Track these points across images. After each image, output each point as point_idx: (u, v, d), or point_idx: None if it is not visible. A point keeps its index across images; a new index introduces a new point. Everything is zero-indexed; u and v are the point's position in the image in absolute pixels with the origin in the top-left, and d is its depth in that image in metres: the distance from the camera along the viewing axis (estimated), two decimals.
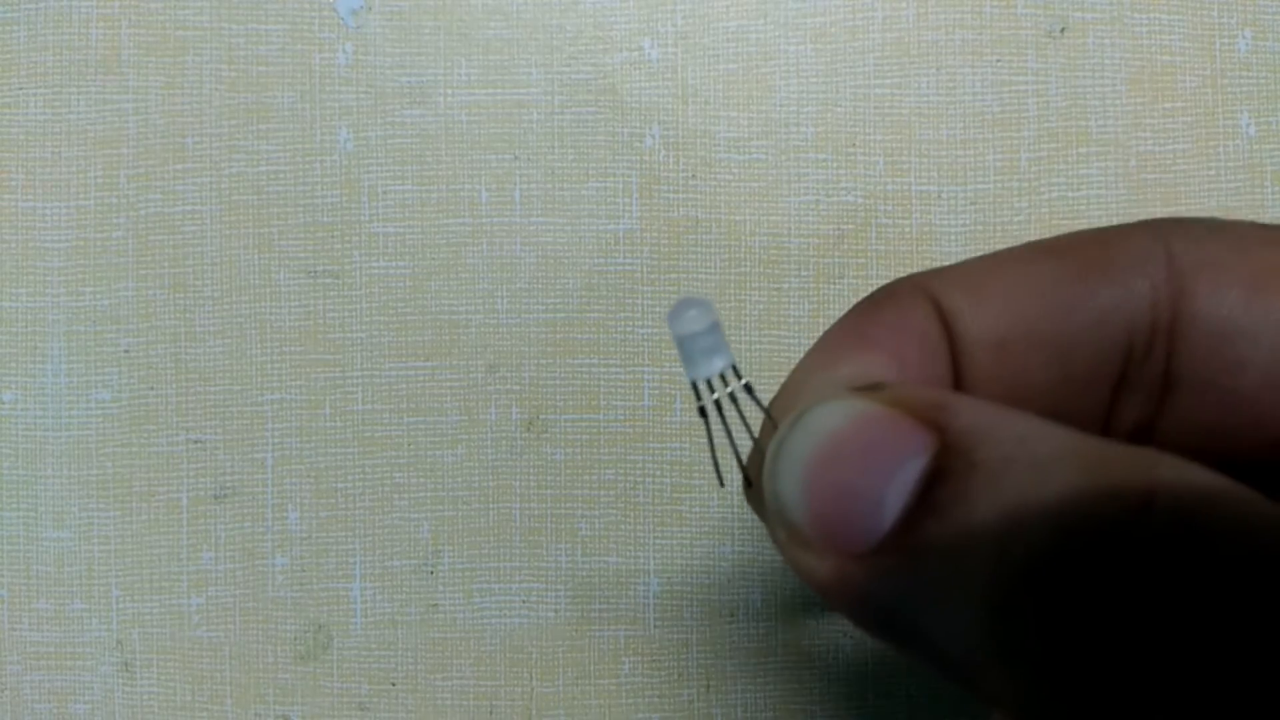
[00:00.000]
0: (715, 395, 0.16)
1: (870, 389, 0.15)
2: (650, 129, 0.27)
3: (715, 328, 0.16)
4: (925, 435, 0.13)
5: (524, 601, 0.26)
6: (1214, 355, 0.15)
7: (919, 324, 0.16)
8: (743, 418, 0.16)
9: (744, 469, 0.17)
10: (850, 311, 0.17)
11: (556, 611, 0.26)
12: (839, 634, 0.26)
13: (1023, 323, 0.16)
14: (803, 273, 0.26)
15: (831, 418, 0.14)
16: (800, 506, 0.14)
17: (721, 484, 0.19)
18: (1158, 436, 0.16)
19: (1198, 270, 0.15)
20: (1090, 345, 0.16)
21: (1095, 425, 0.16)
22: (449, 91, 0.27)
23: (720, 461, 0.18)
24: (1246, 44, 0.27)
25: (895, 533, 0.13)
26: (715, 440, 0.17)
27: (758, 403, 0.16)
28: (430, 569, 0.26)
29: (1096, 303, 0.16)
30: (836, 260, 0.26)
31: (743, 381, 0.16)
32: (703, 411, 0.16)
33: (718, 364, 0.16)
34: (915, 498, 0.13)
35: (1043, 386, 0.16)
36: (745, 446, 0.17)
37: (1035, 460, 0.13)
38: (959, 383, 0.16)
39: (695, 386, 0.16)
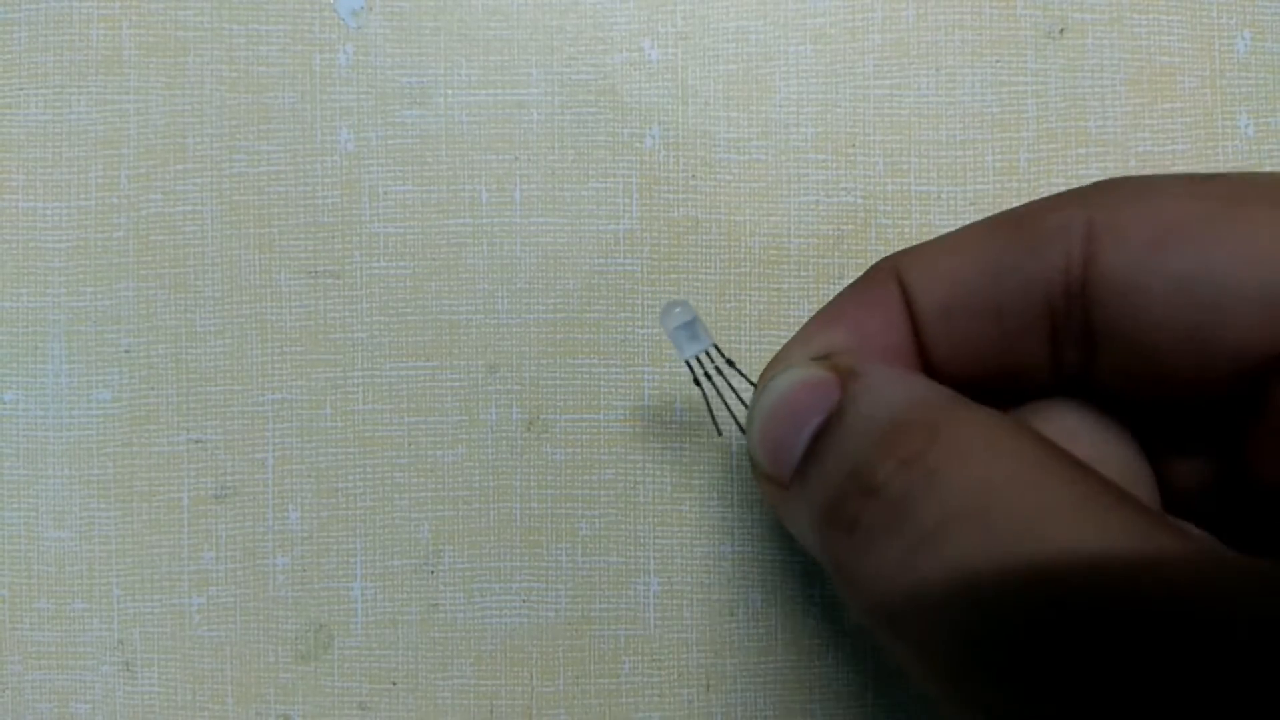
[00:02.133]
0: (704, 369, 0.22)
1: (821, 359, 0.19)
2: (650, 129, 0.27)
3: (696, 319, 0.22)
4: (834, 396, 0.18)
5: (524, 601, 0.26)
6: (1118, 311, 0.17)
7: (884, 300, 0.19)
8: (731, 386, 0.23)
9: (738, 422, 0.23)
10: (840, 293, 0.21)
11: (557, 611, 0.26)
12: (839, 633, 0.26)
13: (963, 291, 0.19)
14: (802, 273, 0.27)
15: (781, 383, 0.19)
16: (756, 449, 0.19)
17: (719, 434, 0.25)
18: (1094, 384, 0.18)
19: (1105, 232, 0.17)
20: (1019, 307, 0.18)
21: (1041, 373, 0.19)
22: (449, 92, 0.27)
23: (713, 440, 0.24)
24: (1245, 45, 0.27)
25: (796, 471, 0.18)
26: (713, 406, 0.24)
27: (741, 374, 0.23)
28: (431, 569, 0.26)
29: (1020, 270, 0.18)
30: (836, 261, 0.26)
31: (725, 358, 0.23)
32: (697, 382, 0.23)
33: (703, 342, 0.22)
34: (809, 446, 0.18)
35: (985, 344, 0.19)
36: (731, 410, 0.23)
37: (859, 419, 0.17)
38: (921, 347, 0.19)
39: (689, 364, 0.22)
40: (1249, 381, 0.17)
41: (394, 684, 0.26)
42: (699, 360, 0.22)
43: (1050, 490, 0.15)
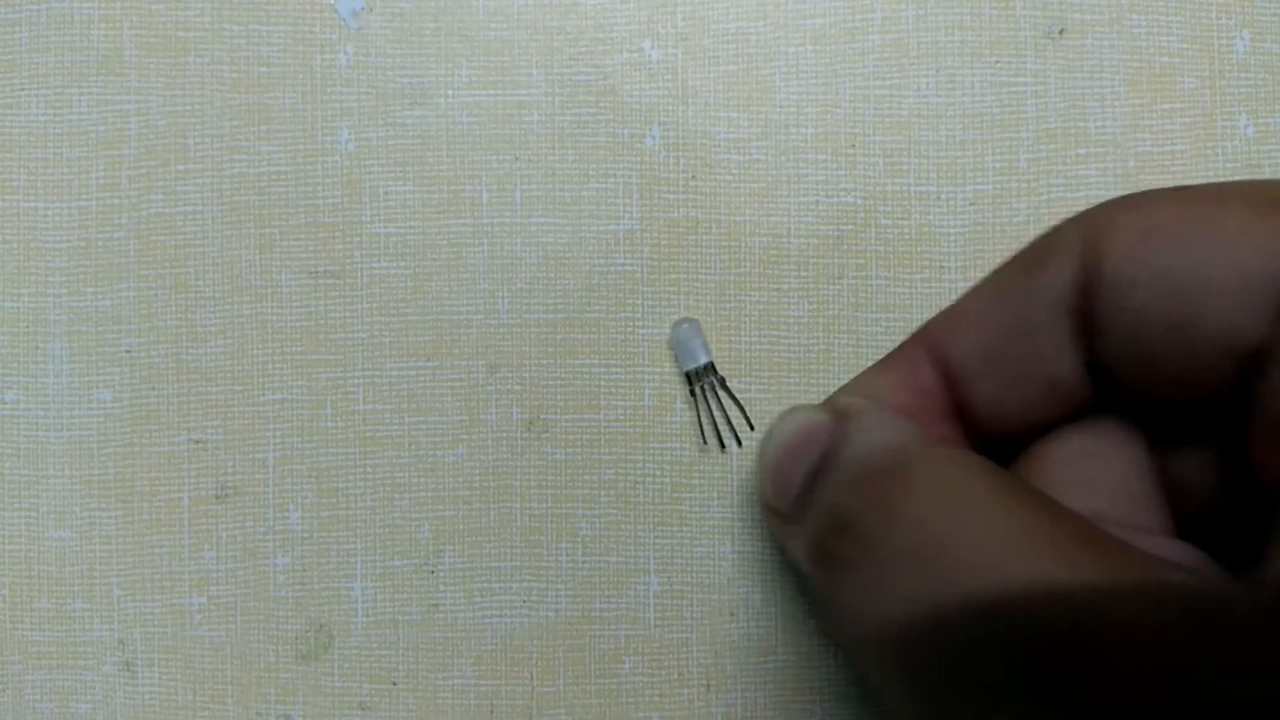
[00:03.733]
0: (700, 384, 0.26)
1: (827, 406, 0.21)
2: (650, 130, 0.27)
3: (698, 337, 0.25)
4: (827, 437, 0.20)
5: (524, 601, 0.26)
6: (1113, 304, 0.18)
7: (909, 363, 0.21)
8: (722, 404, 0.26)
9: (720, 437, 0.26)
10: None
11: (557, 611, 0.26)
12: None
13: (990, 327, 0.20)
14: (802, 273, 0.27)
15: (786, 422, 0.21)
16: (765, 482, 0.21)
17: (705, 443, 0.26)
18: (1112, 374, 0.19)
19: (1103, 233, 0.19)
20: (1041, 320, 0.20)
21: (1077, 389, 0.20)
22: (450, 92, 0.27)
23: (701, 448, 0.26)
24: (1245, 45, 0.27)
25: (793, 504, 0.20)
26: (703, 417, 0.26)
27: (731, 395, 0.26)
28: (431, 569, 0.26)
29: (1036, 288, 0.20)
30: (836, 261, 0.27)
31: (719, 378, 0.26)
32: (692, 393, 0.26)
33: (701, 359, 0.25)
34: (804, 482, 0.20)
35: (1022, 362, 0.20)
36: (723, 423, 0.26)
37: (841, 462, 0.20)
38: (956, 389, 0.21)
39: (689, 376, 0.26)
40: (1241, 376, 0.17)
41: (394, 684, 0.26)
42: (697, 374, 0.25)
43: (994, 525, 0.16)
